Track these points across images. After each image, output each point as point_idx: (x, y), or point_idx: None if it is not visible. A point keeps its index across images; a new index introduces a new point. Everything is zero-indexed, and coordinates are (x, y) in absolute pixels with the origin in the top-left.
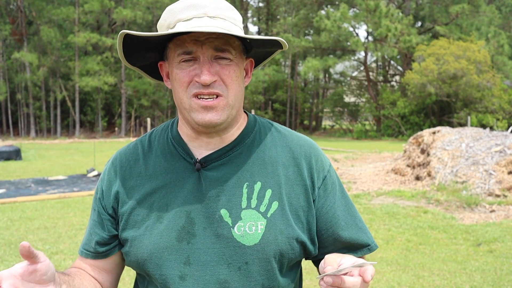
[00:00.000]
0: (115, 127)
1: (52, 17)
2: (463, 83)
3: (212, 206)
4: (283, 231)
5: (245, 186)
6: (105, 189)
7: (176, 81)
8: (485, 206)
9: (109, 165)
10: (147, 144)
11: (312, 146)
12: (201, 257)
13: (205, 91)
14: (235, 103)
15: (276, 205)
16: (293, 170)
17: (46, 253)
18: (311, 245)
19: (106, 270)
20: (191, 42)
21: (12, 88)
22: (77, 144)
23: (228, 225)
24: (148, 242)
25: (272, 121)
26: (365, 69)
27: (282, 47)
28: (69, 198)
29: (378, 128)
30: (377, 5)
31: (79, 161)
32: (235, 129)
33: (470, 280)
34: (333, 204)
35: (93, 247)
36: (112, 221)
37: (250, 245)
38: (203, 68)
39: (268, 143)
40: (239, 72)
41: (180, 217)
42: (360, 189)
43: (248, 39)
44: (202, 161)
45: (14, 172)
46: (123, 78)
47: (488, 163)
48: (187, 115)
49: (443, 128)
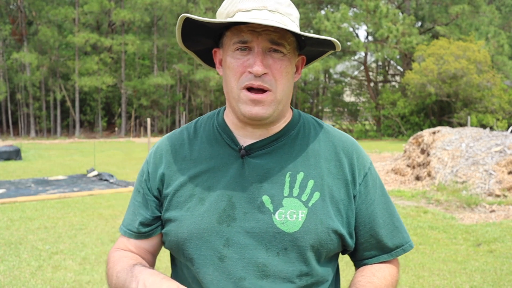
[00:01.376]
0: (115, 127)
1: (52, 17)
2: (463, 83)
3: (254, 192)
4: (323, 222)
5: (288, 175)
6: (151, 171)
7: (229, 70)
8: (485, 206)
9: (155, 148)
10: (192, 130)
11: (354, 143)
12: (241, 240)
13: (256, 83)
14: (282, 98)
15: (318, 196)
16: (335, 164)
17: (46, 253)
18: (349, 239)
19: (149, 251)
20: (248, 32)
21: (12, 88)
22: (77, 144)
23: (269, 211)
24: (189, 223)
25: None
26: (365, 69)
27: (335, 49)
28: (69, 198)
29: (378, 128)
30: (377, 5)
31: (79, 161)
32: (281, 122)
33: (470, 280)
34: (373, 201)
35: (137, 227)
36: (157, 202)
37: (290, 232)
38: (256, 59)
39: (312, 137)
40: (290, 67)
41: (222, 200)
42: None
43: (303, 37)
44: (247, 149)
45: (14, 172)
46: (123, 78)
47: (488, 163)
48: (235, 105)
49: (443, 128)
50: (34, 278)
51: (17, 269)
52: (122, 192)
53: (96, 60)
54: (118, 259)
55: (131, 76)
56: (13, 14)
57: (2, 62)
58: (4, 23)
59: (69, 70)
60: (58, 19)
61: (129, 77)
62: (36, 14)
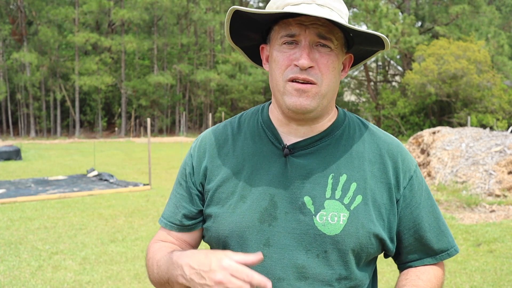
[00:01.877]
0: (115, 127)
1: (52, 17)
2: (463, 83)
3: (296, 192)
4: (365, 226)
5: (331, 177)
6: (195, 164)
7: (275, 63)
8: (485, 206)
9: (199, 142)
10: (236, 126)
11: (399, 146)
12: (281, 240)
13: (301, 76)
14: (327, 93)
15: (360, 199)
16: (379, 167)
17: (46, 253)
18: (390, 244)
19: (189, 243)
20: (295, 25)
21: (12, 88)
22: (77, 144)
23: (310, 212)
24: (231, 220)
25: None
26: (365, 69)
27: (384, 47)
28: (69, 198)
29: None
30: (377, 5)
31: (79, 161)
32: (326, 120)
33: (470, 280)
34: (418, 204)
35: (180, 220)
36: (200, 196)
37: (330, 235)
38: (303, 52)
39: (356, 138)
40: (337, 63)
41: (264, 199)
42: None
43: (352, 33)
44: (290, 147)
45: (14, 172)
46: (123, 78)
47: (488, 163)
48: (279, 98)
49: (443, 128)
50: (34, 278)
51: (17, 269)
52: (122, 192)
53: (96, 60)
54: (157, 249)
55: (131, 76)
56: (13, 14)
57: (2, 62)
58: (4, 23)
59: (69, 70)
60: (58, 19)
61: (129, 77)
62: (36, 14)
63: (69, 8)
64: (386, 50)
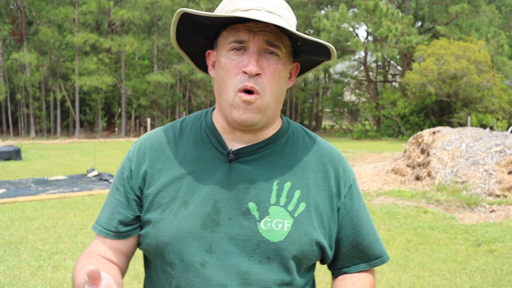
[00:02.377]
0: (115, 127)
1: (52, 17)
2: (463, 83)
3: (240, 198)
4: (308, 233)
5: (275, 183)
6: (134, 169)
7: (224, 70)
8: (485, 206)
9: (138, 145)
10: (178, 130)
11: (340, 155)
12: (224, 246)
13: (249, 84)
14: (270, 103)
15: (304, 206)
16: (321, 176)
17: (46, 253)
18: (329, 251)
19: (123, 253)
20: (244, 31)
21: (12, 88)
22: (77, 144)
23: (255, 218)
24: (172, 226)
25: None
26: (365, 69)
27: (330, 58)
28: (69, 198)
29: (378, 128)
30: (376, 5)
31: (79, 161)
32: (271, 129)
33: (470, 280)
34: (357, 212)
35: (115, 226)
36: (138, 202)
37: (274, 242)
38: (251, 58)
39: (300, 146)
40: (283, 72)
41: (207, 204)
42: (360, 189)
43: (300, 42)
44: (235, 153)
45: (14, 172)
46: (123, 78)
47: (488, 163)
48: (226, 109)
49: (443, 128)
50: (34, 278)
51: (17, 269)
52: None
53: (95, 60)
54: (78, 271)
55: (130, 76)
56: (13, 14)
57: (2, 62)
58: (4, 23)
59: (69, 70)
60: (58, 19)
61: (129, 77)
62: (36, 14)
63: (69, 8)
64: (332, 60)
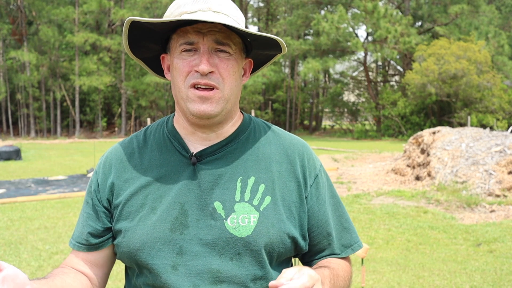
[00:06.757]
0: (115, 127)
1: (52, 17)
2: (463, 83)
3: (206, 198)
4: (275, 225)
5: (239, 180)
6: (101, 181)
7: (176, 71)
8: (485, 206)
9: (104, 158)
10: (142, 139)
11: (304, 145)
12: (194, 247)
13: (202, 81)
14: (230, 97)
15: (269, 200)
16: (286, 167)
17: (46, 253)
18: (302, 241)
19: (98, 264)
20: (193, 33)
21: (12, 88)
22: (77, 144)
23: (221, 217)
24: (141, 233)
25: (269, 121)
26: (365, 69)
27: (281, 51)
28: (69, 198)
29: (378, 128)
30: (375, 6)
31: (79, 161)
32: (230, 125)
33: (470, 280)
34: (323, 202)
35: (86, 239)
36: (107, 213)
37: (242, 237)
38: (202, 58)
39: (262, 141)
40: (237, 68)
41: (174, 208)
42: (360, 189)
43: (249, 38)
44: (198, 155)
45: (14, 172)
46: (123, 78)
47: (488, 163)
48: (183, 105)
49: (443, 128)
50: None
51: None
52: None
53: (95, 60)
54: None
55: (130, 76)
56: (13, 14)
57: (2, 62)
58: (4, 23)
59: (69, 70)
60: (58, 19)
61: (129, 77)
62: (36, 14)
63: (69, 8)
64: (284, 53)
